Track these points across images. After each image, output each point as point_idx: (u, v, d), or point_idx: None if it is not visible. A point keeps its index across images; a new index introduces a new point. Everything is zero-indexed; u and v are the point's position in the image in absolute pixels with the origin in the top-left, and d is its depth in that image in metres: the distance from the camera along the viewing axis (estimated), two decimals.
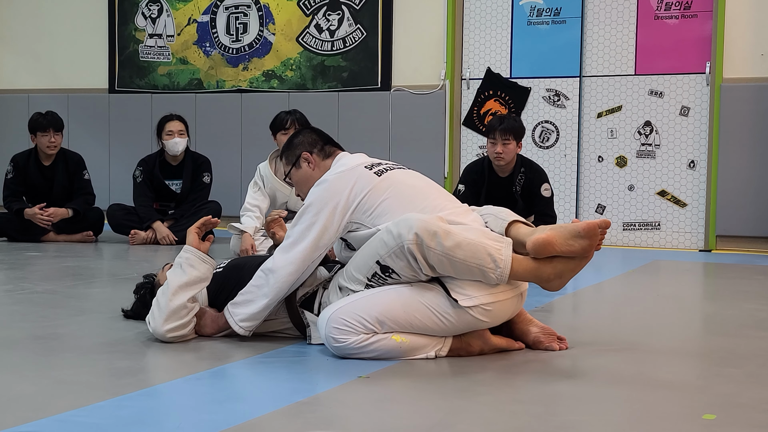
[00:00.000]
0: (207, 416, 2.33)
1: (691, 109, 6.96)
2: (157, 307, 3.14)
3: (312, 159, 3.32)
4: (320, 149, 3.34)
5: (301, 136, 3.39)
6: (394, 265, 2.93)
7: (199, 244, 3.23)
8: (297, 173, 3.35)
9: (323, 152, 3.33)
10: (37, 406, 2.39)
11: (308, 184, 3.28)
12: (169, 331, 3.11)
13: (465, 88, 7.55)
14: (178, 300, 3.11)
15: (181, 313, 3.12)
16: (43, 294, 4.30)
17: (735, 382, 2.76)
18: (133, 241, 6.64)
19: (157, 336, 3.14)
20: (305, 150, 3.33)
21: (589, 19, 7.20)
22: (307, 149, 3.33)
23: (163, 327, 3.11)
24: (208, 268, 3.20)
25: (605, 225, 2.94)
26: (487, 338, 3.06)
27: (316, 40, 7.89)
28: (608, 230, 3.00)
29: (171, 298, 3.11)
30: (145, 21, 8.46)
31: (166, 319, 3.11)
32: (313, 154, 3.32)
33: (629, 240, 7.14)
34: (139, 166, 6.98)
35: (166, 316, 3.11)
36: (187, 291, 3.13)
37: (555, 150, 7.33)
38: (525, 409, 2.45)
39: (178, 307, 3.11)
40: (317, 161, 3.32)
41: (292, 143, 3.38)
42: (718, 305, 4.38)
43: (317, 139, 3.36)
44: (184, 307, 3.13)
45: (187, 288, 3.13)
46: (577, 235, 2.93)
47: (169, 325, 3.11)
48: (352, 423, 2.33)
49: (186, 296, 3.12)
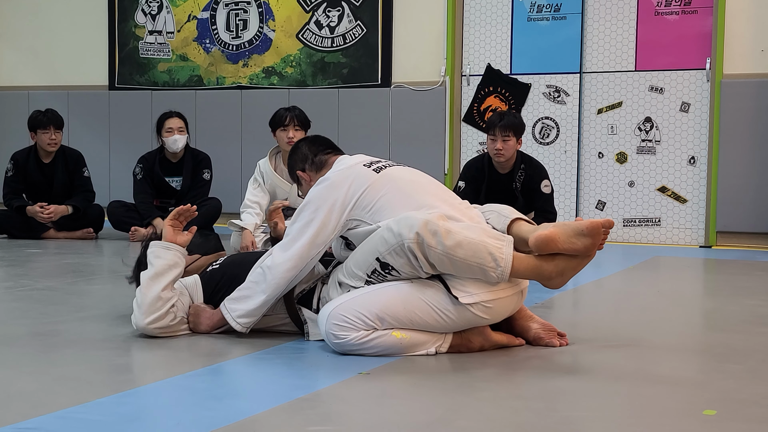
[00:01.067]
0: (207, 413, 2.33)
1: (691, 105, 6.95)
2: (136, 304, 3.17)
3: (306, 176, 3.40)
4: (311, 163, 3.40)
5: (296, 153, 3.45)
6: (393, 263, 2.93)
7: (174, 237, 3.26)
8: (303, 189, 3.43)
9: (314, 165, 3.39)
10: (38, 402, 2.39)
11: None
12: (150, 324, 3.13)
13: (465, 85, 7.54)
14: (152, 292, 3.13)
15: (157, 305, 3.13)
16: (43, 291, 4.30)
17: (735, 378, 2.76)
18: (134, 238, 6.64)
19: (142, 331, 3.16)
20: (298, 169, 3.41)
21: (589, 15, 7.19)
22: (300, 167, 3.41)
23: (144, 321, 3.13)
24: (174, 254, 3.21)
25: (609, 225, 2.94)
26: (488, 335, 3.06)
27: (316, 36, 7.89)
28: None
29: (144, 292, 3.14)
30: (145, 18, 8.45)
31: (144, 313, 3.13)
32: (306, 171, 3.40)
33: (629, 236, 7.13)
34: (139, 163, 6.98)
35: (144, 311, 3.13)
36: (159, 281, 3.14)
37: (555, 146, 7.33)
38: (525, 405, 2.45)
39: (153, 299, 3.13)
40: (312, 176, 3.39)
41: (289, 163, 3.47)
42: (719, 301, 4.38)
43: (307, 153, 3.42)
44: (159, 298, 3.14)
45: (158, 278, 3.15)
46: (581, 233, 2.93)
47: (149, 318, 3.13)
48: (352, 419, 2.33)
49: (159, 286, 3.14)
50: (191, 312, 3.24)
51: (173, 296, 3.19)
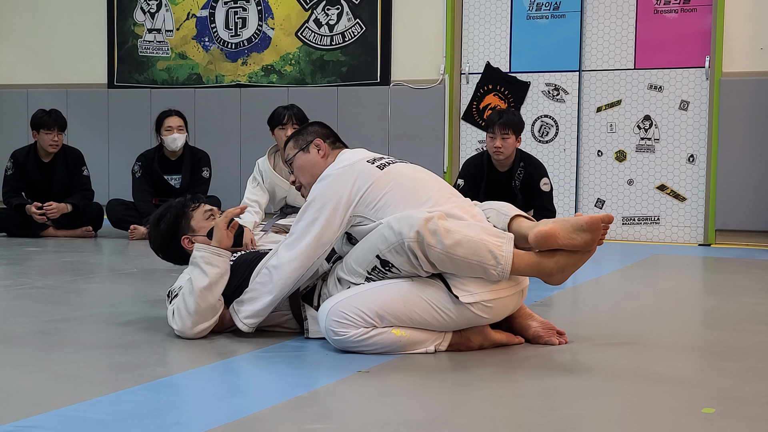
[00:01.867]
0: (207, 411, 2.33)
1: (690, 103, 6.95)
2: (185, 309, 3.11)
3: (323, 147, 3.33)
4: (332, 141, 3.37)
5: (317, 126, 3.42)
6: (393, 260, 2.93)
7: (229, 240, 3.22)
8: (302, 157, 3.33)
9: (333, 144, 3.37)
10: (37, 401, 2.39)
11: (309, 171, 3.28)
12: (197, 333, 3.12)
13: (464, 83, 7.54)
14: (205, 302, 3.10)
15: (208, 314, 3.12)
16: (42, 289, 4.30)
17: (734, 376, 2.76)
18: (133, 236, 6.64)
19: (185, 337, 3.13)
20: (319, 137, 3.35)
21: (588, 14, 7.19)
22: (321, 137, 3.35)
23: (193, 330, 3.11)
24: (224, 261, 3.18)
25: (608, 219, 2.94)
26: (487, 333, 3.06)
27: (315, 34, 7.88)
28: (610, 225, 2.99)
29: (198, 301, 3.09)
30: (144, 16, 8.45)
31: (194, 322, 3.10)
32: (326, 143, 3.34)
33: (628, 234, 7.14)
34: (138, 161, 6.98)
35: (194, 319, 3.10)
36: (213, 290, 3.12)
37: (554, 144, 7.33)
38: (524, 403, 2.45)
39: (207, 309, 3.11)
40: (327, 151, 3.33)
41: (306, 129, 3.41)
42: (718, 299, 4.38)
43: (330, 132, 3.41)
44: (212, 308, 3.12)
45: (212, 288, 3.12)
46: (580, 228, 2.93)
47: (198, 327, 3.11)
48: (351, 417, 2.34)
49: (213, 297, 3.12)
50: None
51: (221, 305, 3.17)
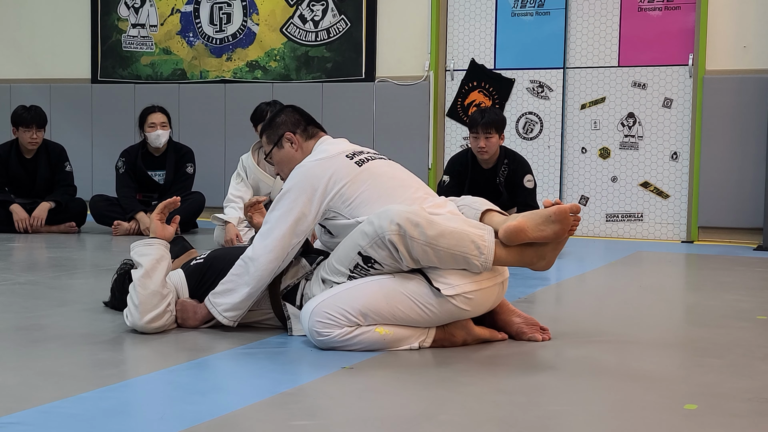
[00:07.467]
0: (190, 407, 2.33)
1: (673, 100, 6.98)
2: (131, 302, 3.13)
3: (295, 139, 3.30)
4: (303, 129, 3.33)
5: (284, 115, 3.35)
6: (375, 255, 2.93)
7: (163, 231, 3.25)
8: (279, 153, 3.32)
9: (306, 133, 3.33)
10: (20, 397, 2.38)
11: (290, 164, 3.28)
12: (148, 323, 3.11)
13: (449, 80, 7.55)
14: (145, 289, 3.10)
15: (153, 301, 3.11)
16: (25, 285, 4.28)
17: (716, 372, 2.78)
18: (116, 232, 6.62)
19: (139, 329, 3.13)
20: (288, 130, 3.31)
21: (573, 11, 7.21)
22: (290, 129, 3.31)
23: (142, 320, 3.10)
24: (157, 247, 3.20)
25: (576, 209, 2.96)
26: (471, 329, 3.07)
27: (300, 30, 7.87)
28: (594, 222, 3.00)
29: (140, 290, 3.11)
30: (128, 11, 8.42)
31: (141, 312, 3.10)
32: (297, 135, 3.31)
33: (612, 231, 7.16)
34: (121, 157, 6.95)
35: (141, 309, 3.10)
36: (152, 276, 3.12)
37: (539, 141, 7.34)
38: (508, 399, 2.46)
39: (150, 296, 3.10)
40: (300, 142, 3.30)
41: (274, 122, 3.35)
42: (700, 296, 4.41)
43: (300, 119, 3.34)
44: (155, 293, 3.12)
45: (150, 274, 3.12)
46: (548, 220, 2.94)
47: (147, 316, 3.10)
48: (335, 414, 2.34)
49: (153, 283, 3.12)
50: (178, 308, 3.23)
51: (170, 293, 3.17)
